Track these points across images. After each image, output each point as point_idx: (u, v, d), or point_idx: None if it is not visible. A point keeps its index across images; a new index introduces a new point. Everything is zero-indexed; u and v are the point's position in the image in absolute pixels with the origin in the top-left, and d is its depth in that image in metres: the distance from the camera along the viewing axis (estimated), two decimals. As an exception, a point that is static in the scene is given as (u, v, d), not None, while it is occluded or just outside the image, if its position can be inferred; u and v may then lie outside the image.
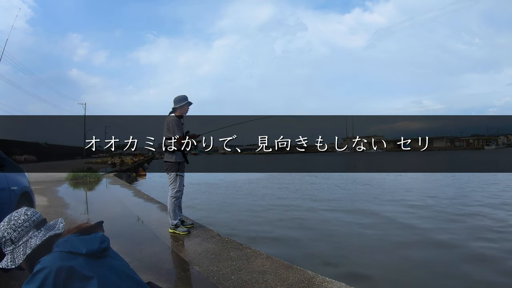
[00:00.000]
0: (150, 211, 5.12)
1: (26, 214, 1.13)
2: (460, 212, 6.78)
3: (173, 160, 3.67)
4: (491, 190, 9.69)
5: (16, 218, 1.11)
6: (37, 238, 1.09)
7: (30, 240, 1.08)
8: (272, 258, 2.82)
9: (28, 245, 1.07)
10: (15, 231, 1.08)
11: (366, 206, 7.73)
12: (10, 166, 3.21)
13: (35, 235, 1.10)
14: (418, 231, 5.42)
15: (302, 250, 4.51)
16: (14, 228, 1.08)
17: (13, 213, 1.14)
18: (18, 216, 1.12)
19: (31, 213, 1.15)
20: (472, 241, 4.73)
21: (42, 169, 16.66)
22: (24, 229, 1.09)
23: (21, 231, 1.08)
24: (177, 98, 3.73)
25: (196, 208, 7.98)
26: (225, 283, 2.30)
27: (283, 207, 7.91)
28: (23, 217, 1.12)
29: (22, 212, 1.14)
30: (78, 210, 5.39)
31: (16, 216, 1.11)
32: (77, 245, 1.04)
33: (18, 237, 1.08)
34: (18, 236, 1.08)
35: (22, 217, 1.12)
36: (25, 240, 1.08)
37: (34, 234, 1.10)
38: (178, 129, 3.64)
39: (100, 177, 10.94)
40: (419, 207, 7.43)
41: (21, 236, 1.08)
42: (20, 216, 1.12)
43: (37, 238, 1.09)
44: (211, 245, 3.21)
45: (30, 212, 1.15)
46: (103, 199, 6.69)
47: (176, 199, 3.68)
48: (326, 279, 2.31)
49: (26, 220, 1.11)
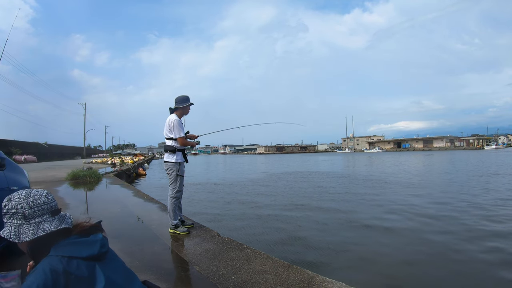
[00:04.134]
0: (150, 211, 5.12)
1: (47, 197, 1.11)
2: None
3: (173, 160, 3.67)
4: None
5: (37, 197, 1.08)
6: (51, 224, 1.07)
7: (43, 223, 1.06)
8: (272, 258, 2.82)
9: (40, 227, 1.04)
10: (31, 208, 1.05)
11: (368, 208, 7.72)
12: (10, 166, 3.21)
13: (49, 220, 1.07)
14: (419, 231, 5.42)
15: (302, 250, 4.51)
16: (31, 205, 1.05)
17: (32, 190, 1.11)
18: (39, 196, 1.09)
19: (51, 198, 1.14)
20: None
21: (42, 169, 16.67)
22: (41, 210, 1.07)
23: (37, 210, 1.06)
24: (179, 99, 3.72)
25: (196, 208, 7.99)
26: (225, 283, 2.30)
27: (284, 207, 7.91)
28: (43, 199, 1.10)
29: (43, 193, 1.12)
30: (78, 210, 5.38)
31: (37, 195, 1.09)
32: (77, 249, 1.03)
33: (31, 215, 1.05)
34: (32, 214, 1.05)
35: (42, 198, 1.09)
36: (38, 221, 1.05)
37: (49, 219, 1.08)
38: (181, 129, 3.64)
39: (100, 177, 10.93)
40: (418, 212, 7.43)
41: (35, 216, 1.05)
42: (40, 197, 1.09)
43: (51, 224, 1.07)
44: (211, 245, 3.21)
45: (51, 197, 1.14)
46: (103, 199, 6.69)
47: (176, 199, 3.68)
48: (326, 279, 2.31)
49: (45, 203, 1.09)
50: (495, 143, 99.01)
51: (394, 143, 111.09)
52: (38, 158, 30.95)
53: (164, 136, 3.73)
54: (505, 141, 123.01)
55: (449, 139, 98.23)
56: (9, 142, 29.23)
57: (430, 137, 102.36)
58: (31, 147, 33.44)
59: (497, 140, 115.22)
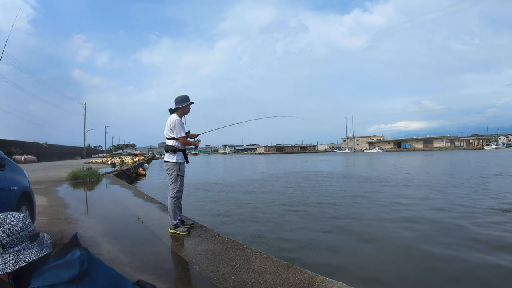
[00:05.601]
0: (150, 211, 5.12)
1: (24, 223, 1.03)
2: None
3: (174, 160, 3.67)
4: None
5: (13, 224, 1.01)
6: (31, 251, 1.00)
7: (23, 251, 0.99)
8: (272, 258, 2.82)
9: (21, 257, 0.98)
10: (8, 236, 0.98)
11: (367, 207, 7.72)
12: (10, 166, 3.21)
13: (28, 248, 1.01)
14: (420, 231, 5.42)
15: (302, 250, 4.50)
16: (8, 233, 0.98)
17: (7, 215, 1.03)
18: (16, 222, 1.01)
19: (28, 223, 1.06)
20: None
21: (42, 169, 16.67)
22: (19, 237, 1.00)
23: (15, 238, 0.99)
24: (179, 98, 3.72)
25: (196, 208, 7.98)
26: (225, 283, 2.30)
27: (284, 207, 7.90)
28: (20, 225, 1.02)
29: (19, 219, 1.03)
30: (78, 210, 5.38)
31: (13, 222, 1.01)
32: (57, 274, 0.97)
33: (9, 244, 0.98)
34: (10, 243, 0.98)
35: (20, 224, 1.02)
36: (18, 250, 0.98)
37: (28, 247, 1.01)
38: (182, 129, 3.64)
39: (100, 177, 10.93)
40: (413, 220, 7.42)
41: (14, 244, 0.98)
42: (17, 223, 1.01)
43: (31, 251, 1.00)
44: (211, 245, 3.21)
45: (28, 222, 1.06)
46: (103, 199, 6.68)
47: (176, 199, 3.68)
48: (326, 279, 2.31)
49: (23, 229, 1.02)
50: (495, 143, 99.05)
51: (394, 143, 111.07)
52: (38, 158, 30.98)
53: (165, 136, 3.73)
54: (505, 141, 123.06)
55: (449, 139, 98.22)
56: (9, 142, 29.23)
57: (430, 137, 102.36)
58: (31, 147, 33.45)
59: (497, 140, 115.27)
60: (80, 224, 4.24)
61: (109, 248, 3.17)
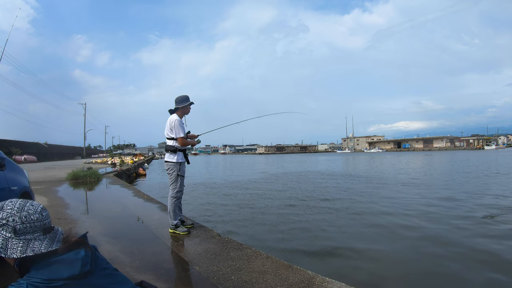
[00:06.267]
0: (150, 211, 5.12)
1: (41, 214, 1.03)
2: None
3: (174, 160, 3.67)
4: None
5: (31, 212, 1.01)
6: (42, 243, 1.00)
7: (34, 241, 0.99)
8: (272, 258, 2.82)
9: (30, 246, 0.98)
10: (23, 223, 0.98)
11: (367, 207, 7.72)
12: (10, 166, 3.21)
13: (40, 239, 1.01)
14: (421, 231, 5.42)
15: (302, 250, 4.50)
16: (23, 220, 0.98)
17: (27, 202, 1.03)
18: (33, 212, 1.02)
19: (46, 214, 1.06)
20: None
21: (42, 169, 16.67)
22: (33, 227, 1.00)
23: (29, 227, 0.99)
24: (179, 98, 3.72)
25: (196, 208, 7.99)
26: (225, 283, 2.30)
27: (283, 206, 7.90)
28: (37, 215, 1.02)
29: (38, 209, 1.04)
30: (78, 210, 5.38)
31: (31, 210, 1.01)
32: (57, 270, 0.96)
33: (22, 230, 0.98)
34: (23, 229, 0.98)
35: (36, 214, 1.02)
36: (29, 238, 0.99)
37: (40, 238, 1.01)
38: (181, 129, 3.64)
39: (100, 177, 10.93)
40: (413, 215, 7.42)
41: (26, 232, 0.99)
42: (35, 212, 1.02)
43: (42, 243, 1.00)
44: (211, 245, 3.21)
45: (45, 214, 1.06)
46: (103, 199, 6.68)
47: (176, 199, 3.68)
48: (326, 279, 2.31)
49: (39, 219, 1.02)
50: (495, 143, 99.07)
51: (394, 143, 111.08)
52: (38, 158, 30.98)
53: (165, 136, 3.73)
54: (505, 141, 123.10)
55: (449, 139, 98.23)
56: (9, 142, 29.24)
57: (430, 137, 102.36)
58: (31, 147, 33.46)
59: (497, 140, 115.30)
60: (80, 224, 4.24)
61: (109, 248, 3.17)
